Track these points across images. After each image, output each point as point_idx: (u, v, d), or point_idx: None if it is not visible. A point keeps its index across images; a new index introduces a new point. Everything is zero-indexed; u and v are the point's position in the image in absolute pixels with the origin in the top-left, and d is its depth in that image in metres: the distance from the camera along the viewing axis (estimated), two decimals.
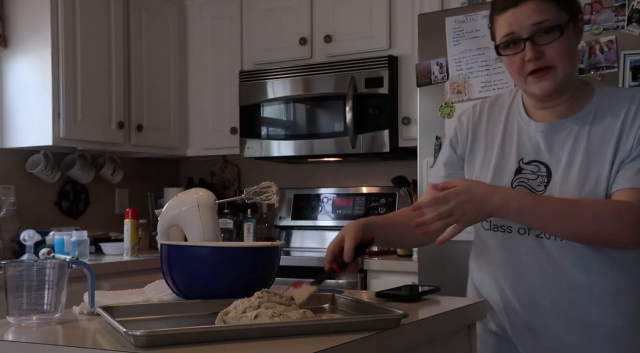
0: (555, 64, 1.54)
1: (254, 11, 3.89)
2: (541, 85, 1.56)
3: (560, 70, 1.54)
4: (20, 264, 1.39)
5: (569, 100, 1.60)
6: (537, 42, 1.53)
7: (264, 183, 1.85)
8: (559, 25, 1.52)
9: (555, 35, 1.52)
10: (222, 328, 1.25)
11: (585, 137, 1.57)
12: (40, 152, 3.58)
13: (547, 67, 1.54)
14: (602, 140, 1.54)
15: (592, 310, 1.56)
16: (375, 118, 3.43)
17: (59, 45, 3.37)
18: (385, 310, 1.40)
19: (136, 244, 3.41)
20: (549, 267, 1.57)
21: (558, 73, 1.55)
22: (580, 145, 1.56)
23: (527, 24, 1.53)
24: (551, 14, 1.52)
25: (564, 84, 1.57)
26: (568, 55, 1.54)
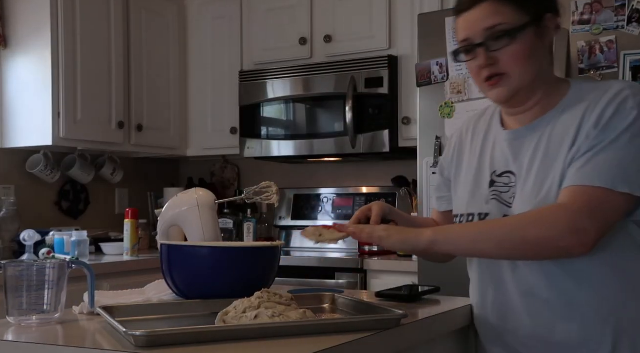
0: (508, 70, 1.44)
1: (254, 11, 3.89)
2: (495, 92, 1.47)
3: (515, 77, 1.44)
4: (20, 264, 1.39)
5: (540, 103, 1.49)
6: (490, 48, 1.43)
7: (264, 184, 1.85)
8: (512, 29, 1.41)
9: (508, 41, 1.42)
10: (222, 328, 1.25)
11: (546, 139, 1.46)
12: (40, 152, 3.58)
13: (501, 74, 1.45)
14: (561, 141, 1.43)
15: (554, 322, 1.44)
16: (375, 118, 3.43)
17: (59, 45, 3.37)
18: (385, 310, 1.40)
19: (136, 244, 3.41)
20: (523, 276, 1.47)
21: (512, 80, 1.45)
22: (540, 149, 1.46)
23: (480, 29, 1.44)
24: (506, 17, 1.42)
25: (527, 89, 1.47)
26: (525, 60, 1.43)
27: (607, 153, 1.35)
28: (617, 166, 1.34)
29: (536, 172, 1.44)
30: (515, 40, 1.42)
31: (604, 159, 1.35)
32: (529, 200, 1.43)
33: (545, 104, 1.48)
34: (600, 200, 1.33)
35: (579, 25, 2.54)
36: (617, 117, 1.37)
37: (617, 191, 1.33)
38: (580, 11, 2.54)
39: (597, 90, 1.43)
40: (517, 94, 1.47)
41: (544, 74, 1.48)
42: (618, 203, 1.34)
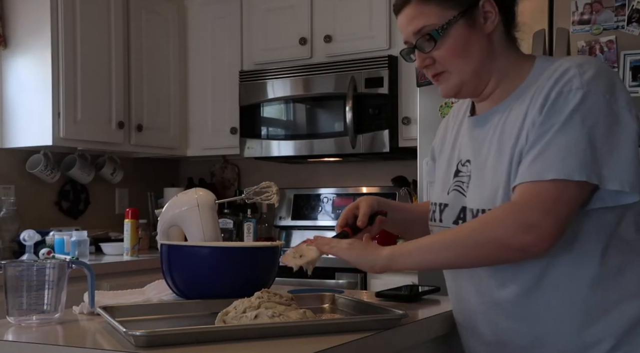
0: (446, 68, 1.41)
1: (254, 11, 3.89)
2: (441, 89, 1.46)
3: (455, 72, 1.41)
4: (20, 264, 1.39)
5: (500, 88, 1.43)
6: (422, 50, 1.41)
7: (264, 184, 1.85)
8: (439, 28, 1.37)
9: (435, 42, 1.38)
10: (222, 328, 1.25)
11: (500, 128, 1.40)
12: (40, 152, 3.58)
13: (440, 72, 1.43)
14: (511, 130, 1.37)
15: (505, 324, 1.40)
16: (375, 118, 3.43)
17: (59, 45, 3.37)
18: (385, 310, 1.40)
19: (136, 244, 3.41)
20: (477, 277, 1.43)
21: (453, 76, 1.42)
22: (495, 138, 1.40)
23: (409, 33, 1.42)
24: (430, 18, 1.38)
25: (472, 81, 1.42)
26: (460, 55, 1.39)
27: (556, 141, 1.27)
28: (569, 154, 1.26)
29: (490, 162, 1.39)
30: (444, 39, 1.38)
31: (554, 149, 1.27)
32: (479, 191, 1.40)
33: (505, 88, 1.43)
34: (552, 193, 1.26)
35: (579, 25, 2.54)
36: (561, 99, 1.30)
37: (572, 181, 1.25)
38: (580, 11, 2.54)
39: (548, 70, 1.36)
40: (464, 87, 1.44)
41: (491, 61, 1.42)
42: (572, 193, 1.26)
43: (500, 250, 1.29)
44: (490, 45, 1.41)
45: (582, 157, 1.25)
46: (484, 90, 1.45)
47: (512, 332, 1.39)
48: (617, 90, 1.31)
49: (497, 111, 1.42)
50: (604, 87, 1.30)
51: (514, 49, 1.46)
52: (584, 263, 1.32)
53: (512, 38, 1.46)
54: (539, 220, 1.25)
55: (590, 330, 1.32)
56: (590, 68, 1.31)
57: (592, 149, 1.26)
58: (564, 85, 1.31)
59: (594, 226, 1.32)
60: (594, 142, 1.26)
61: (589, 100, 1.28)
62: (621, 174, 1.26)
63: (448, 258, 1.35)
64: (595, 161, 1.25)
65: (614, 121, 1.28)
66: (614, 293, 1.32)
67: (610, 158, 1.26)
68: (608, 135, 1.27)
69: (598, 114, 1.27)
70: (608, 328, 1.32)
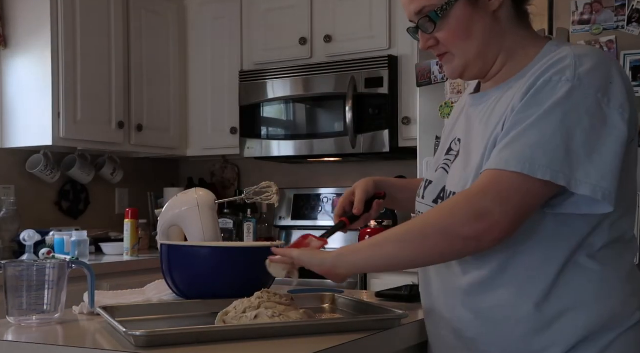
0: (449, 49, 1.36)
1: (254, 11, 3.89)
2: (446, 69, 1.40)
3: (458, 54, 1.35)
4: (20, 264, 1.39)
5: (505, 68, 1.36)
6: (425, 31, 1.35)
7: (264, 184, 1.85)
8: (438, 9, 1.31)
9: (436, 23, 1.33)
10: (222, 328, 1.25)
11: (490, 110, 1.33)
12: (40, 152, 3.58)
13: (444, 53, 1.37)
14: (499, 111, 1.30)
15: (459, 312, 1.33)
16: (375, 118, 3.43)
17: (59, 45, 3.37)
18: (385, 310, 1.40)
19: (136, 244, 3.41)
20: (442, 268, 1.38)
21: (456, 57, 1.36)
22: (483, 120, 1.34)
23: (412, 13, 1.36)
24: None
25: (477, 62, 1.36)
26: (462, 36, 1.33)
27: (530, 133, 1.19)
28: (538, 148, 1.17)
29: (474, 144, 1.33)
30: (445, 20, 1.32)
31: (524, 140, 1.19)
32: (458, 173, 1.34)
33: (510, 69, 1.35)
34: (512, 185, 1.18)
35: (579, 25, 2.54)
36: (546, 89, 1.22)
37: (535, 178, 1.17)
38: (580, 11, 2.54)
39: (549, 56, 1.28)
40: (468, 68, 1.37)
41: (498, 40, 1.35)
42: (534, 189, 1.18)
43: (448, 241, 1.21)
44: (496, 24, 1.33)
45: (552, 154, 1.17)
46: (490, 70, 1.38)
47: (465, 321, 1.32)
48: (613, 90, 1.21)
49: (495, 92, 1.36)
50: (598, 85, 1.21)
51: (525, 26, 1.38)
52: (544, 267, 1.24)
53: (522, 14, 1.37)
54: (491, 208, 1.17)
55: (538, 337, 1.25)
56: (589, 61, 1.23)
57: (566, 148, 1.17)
58: (555, 74, 1.22)
59: (563, 232, 1.24)
60: (570, 141, 1.17)
61: (576, 95, 1.20)
62: (597, 180, 1.17)
63: (393, 252, 1.25)
64: (568, 161, 1.17)
65: (602, 123, 1.19)
66: (568, 301, 1.24)
67: (588, 161, 1.17)
68: (591, 137, 1.18)
69: (584, 112, 1.19)
70: (558, 337, 1.24)
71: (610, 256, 1.27)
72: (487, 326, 1.29)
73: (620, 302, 1.26)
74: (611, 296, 1.26)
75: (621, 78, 1.25)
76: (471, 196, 1.20)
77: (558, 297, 1.24)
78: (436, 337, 1.41)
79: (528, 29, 1.38)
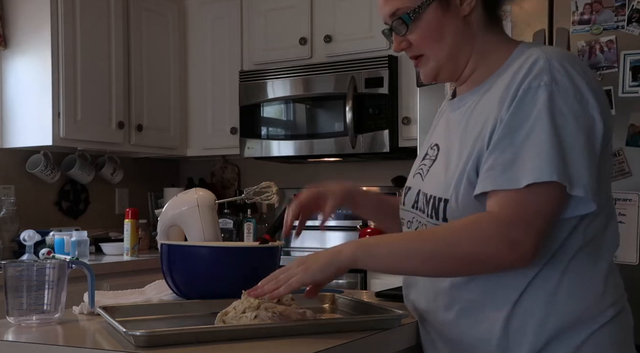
0: (422, 52, 1.38)
1: (254, 11, 3.89)
2: (420, 73, 1.42)
3: (431, 56, 1.38)
4: (20, 264, 1.39)
5: (477, 72, 1.38)
6: (397, 32, 1.37)
7: (264, 184, 1.85)
8: (410, 12, 1.33)
9: (408, 25, 1.35)
10: (222, 328, 1.25)
11: (468, 115, 1.35)
12: (40, 152, 3.58)
13: (418, 55, 1.39)
14: (478, 119, 1.31)
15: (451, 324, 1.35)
16: (375, 118, 3.43)
17: (59, 45, 3.37)
18: (385, 310, 1.40)
19: (136, 244, 3.41)
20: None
21: (429, 60, 1.38)
22: (462, 126, 1.35)
23: (386, 16, 1.39)
24: (403, 1, 1.34)
25: (449, 65, 1.38)
26: (434, 39, 1.35)
27: (527, 144, 1.20)
28: (538, 156, 1.19)
29: (454, 149, 1.34)
30: (417, 23, 1.34)
31: (525, 153, 1.20)
32: (437, 177, 1.35)
33: (482, 73, 1.37)
34: (533, 205, 1.20)
35: (579, 25, 2.54)
36: (528, 97, 1.23)
37: (544, 184, 1.18)
38: (580, 11, 2.54)
39: (519, 59, 1.30)
40: (441, 71, 1.39)
41: (468, 44, 1.37)
42: (551, 200, 1.20)
43: (481, 267, 1.24)
44: (467, 28, 1.36)
45: (551, 160, 1.18)
46: (462, 73, 1.40)
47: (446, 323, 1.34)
48: (587, 89, 1.24)
49: (470, 96, 1.38)
50: (574, 86, 1.23)
51: (497, 30, 1.40)
52: (518, 275, 1.26)
53: (495, 19, 1.40)
54: (523, 238, 1.19)
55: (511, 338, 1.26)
56: (559, 63, 1.25)
57: (561, 152, 1.19)
58: (533, 80, 1.24)
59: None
60: (562, 144, 1.20)
61: (557, 99, 1.22)
62: (587, 180, 1.20)
63: (415, 267, 1.28)
64: (565, 165, 1.19)
65: (585, 122, 1.22)
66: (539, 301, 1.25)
67: (578, 162, 1.20)
68: (578, 138, 1.21)
69: (568, 115, 1.21)
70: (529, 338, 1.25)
71: (583, 256, 1.27)
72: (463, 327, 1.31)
73: (592, 301, 1.27)
74: (583, 296, 1.26)
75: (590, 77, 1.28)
76: (502, 225, 1.20)
77: (530, 297, 1.26)
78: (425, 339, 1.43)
79: (500, 33, 1.41)
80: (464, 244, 1.22)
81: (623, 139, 2.44)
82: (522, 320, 1.26)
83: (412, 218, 1.43)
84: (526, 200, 1.20)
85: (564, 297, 1.25)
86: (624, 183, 2.41)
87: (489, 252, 1.21)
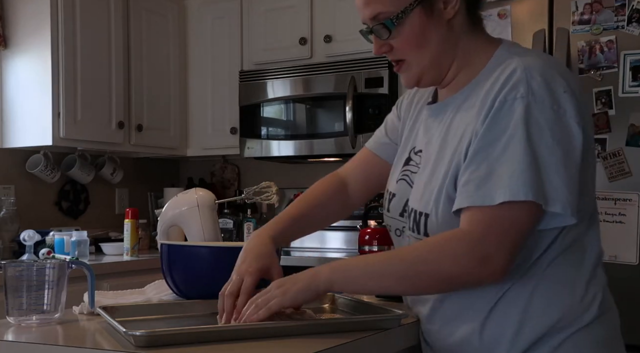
0: (404, 57, 1.34)
1: (254, 11, 3.89)
2: (402, 78, 1.39)
3: (413, 62, 1.34)
4: (20, 264, 1.39)
5: (460, 75, 1.35)
6: (379, 36, 1.33)
7: (264, 184, 1.85)
8: (394, 17, 1.29)
9: (391, 30, 1.31)
10: (222, 328, 1.25)
11: (448, 123, 1.32)
12: (40, 152, 3.58)
13: (399, 60, 1.35)
14: (457, 130, 1.28)
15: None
16: (375, 118, 3.43)
17: (59, 45, 3.37)
18: (385, 310, 1.40)
19: (136, 244, 3.41)
20: None
21: (411, 66, 1.34)
22: (442, 133, 1.32)
23: (366, 17, 1.34)
24: (385, 5, 1.30)
25: (431, 70, 1.35)
26: (417, 44, 1.31)
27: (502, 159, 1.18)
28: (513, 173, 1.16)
29: (433, 160, 1.32)
30: (400, 28, 1.30)
31: (500, 169, 1.18)
32: (418, 190, 1.33)
33: (464, 76, 1.34)
34: (505, 222, 1.18)
35: (579, 25, 2.54)
36: (504, 110, 1.20)
37: (519, 202, 1.16)
38: (580, 11, 2.54)
39: (499, 68, 1.27)
40: (424, 77, 1.36)
41: (452, 47, 1.33)
42: (524, 217, 1.18)
43: (452, 284, 1.24)
44: (450, 32, 1.32)
45: (526, 176, 1.16)
46: (445, 78, 1.37)
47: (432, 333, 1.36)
48: (566, 100, 1.21)
49: (451, 103, 1.35)
50: (552, 97, 1.20)
51: (478, 31, 1.37)
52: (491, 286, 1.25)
53: (476, 19, 1.36)
54: (494, 253, 1.18)
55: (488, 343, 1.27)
56: (538, 73, 1.22)
57: (536, 168, 1.16)
58: (509, 92, 1.21)
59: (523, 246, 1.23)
60: (538, 159, 1.17)
61: (534, 111, 1.19)
62: (565, 195, 1.17)
63: (391, 286, 1.27)
64: (540, 180, 1.16)
65: (563, 135, 1.19)
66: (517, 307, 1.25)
67: (556, 177, 1.17)
68: (555, 152, 1.18)
69: (545, 128, 1.18)
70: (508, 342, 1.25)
71: (562, 263, 1.26)
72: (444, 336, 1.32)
73: (569, 306, 1.25)
74: (560, 302, 1.25)
75: (569, 84, 1.24)
76: (472, 241, 1.19)
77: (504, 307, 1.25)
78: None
79: (481, 33, 1.37)
80: (434, 262, 1.21)
81: (623, 139, 2.44)
82: (497, 329, 1.26)
83: (402, 228, 1.41)
84: (500, 217, 1.18)
85: (540, 305, 1.24)
86: (624, 183, 2.41)
87: (459, 270, 1.20)
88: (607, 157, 2.45)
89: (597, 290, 1.28)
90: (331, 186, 1.62)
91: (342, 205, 1.62)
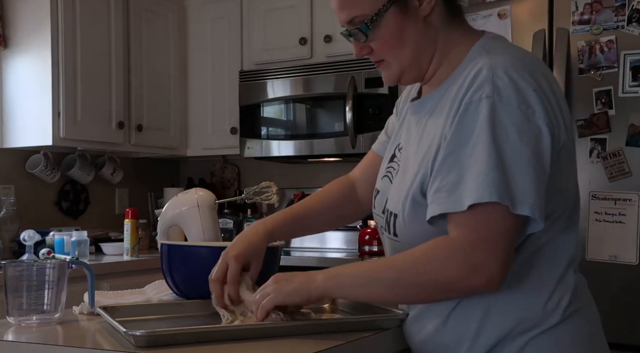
0: (383, 57, 1.34)
1: (254, 11, 3.89)
2: (383, 76, 1.39)
3: (392, 61, 1.34)
4: (20, 264, 1.39)
5: (440, 69, 1.33)
6: (357, 40, 1.34)
7: (264, 184, 1.85)
8: (369, 20, 1.28)
9: (368, 33, 1.30)
10: (222, 328, 1.25)
11: (425, 122, 1.30)
12: (40, 152, 3.58)
13: (380, 60, 1.36)
14: (430, 131, 1.27)
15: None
16: (375, 118, 3.43)
17: (59, 45, 3.37)
18: (385, 310, 1.40)
19: (136, 244, 3.41)
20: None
21: (392, 65, 1.34)
22: (419, 132, 1.31)
23: (342, 21, 1.33)
24: (360, 8, 1.29)
25: (412, 68, 1.33)
26: (395, 44, 1.30)
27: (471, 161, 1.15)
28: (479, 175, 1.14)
29: (410, 159, 1.30)
30: (376, 30, 1.29)
31: (469, 172, 1.15)
32: (399, 185, 1.31)
33: (444, 71, 1.31)
34: (482, 225, 1.14)
35: (579, 25, 2.54)
36: (469, 112, 1.18)
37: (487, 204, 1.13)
38: (580, 11, 2.54)
39: (469, 66, 1.25)
40: (404, 74, 1.35)
41: (431, 43, 1.31)
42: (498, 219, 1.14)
43: (445, 293, 1.21)
44: (428, 29, 1.30)
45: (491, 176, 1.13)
46: (426, 73, 1.35)
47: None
48: (535, 98, 1.17)
49: (429, 101, 1.32)
50: (519, 96, 1.16)
51: (458, 23, 1.34)
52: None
53: (455, 11, 1.34)
54: (486, 259, 1.15)
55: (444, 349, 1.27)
56: (505, 72, 1.19)
57: (502, 167, 1.13)
58: (474, 93, 1.18)
59: None
60: (504, 159, 1.13)
61: (499, 111, 1.15)
62: (533, 198, 1.13)
63: (382, 294, 1.24)
64: (506, 181, 1.13)
65: (530, 136, 1.15)
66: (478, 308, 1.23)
67: (524, 179, 1.14)
68: (522, 153, 1.14)
69: (511, 128, 1.15)
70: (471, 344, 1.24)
71: (531, 264, 1.24)
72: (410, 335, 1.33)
73: (533, 308, 1.23)
74: (523, 304, 1.23)
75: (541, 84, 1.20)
76: (458, 249, 1.16)
77: (464, 309, 1.24)
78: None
79: (461, 25, 1.35)
80: (423, 271, 1.19)
81: (623, 139, 2.44)
82: (459, 328, 1.25)
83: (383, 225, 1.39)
84: (477, 222, 1.15)
85: (502, 307, 1.23)
86: (624, 183, 2.41)
87: (449, 277, 1.17)
88: (607, 157, 2.45)
89: (563, 293, 1.25)
90: (340, 189, 1.62)
91: (352, 208, 1.62)
